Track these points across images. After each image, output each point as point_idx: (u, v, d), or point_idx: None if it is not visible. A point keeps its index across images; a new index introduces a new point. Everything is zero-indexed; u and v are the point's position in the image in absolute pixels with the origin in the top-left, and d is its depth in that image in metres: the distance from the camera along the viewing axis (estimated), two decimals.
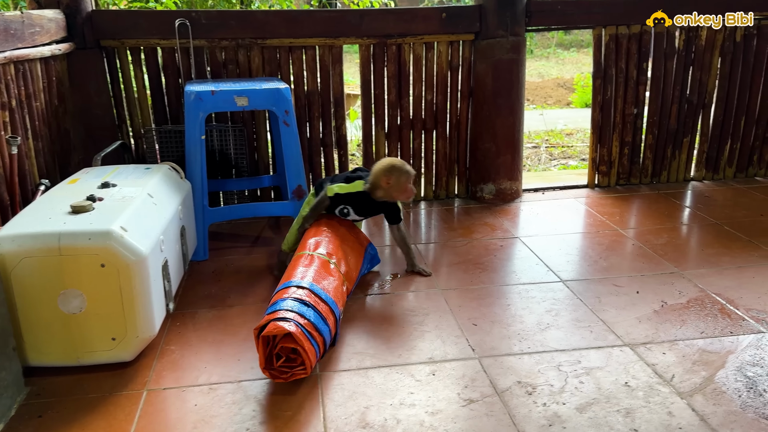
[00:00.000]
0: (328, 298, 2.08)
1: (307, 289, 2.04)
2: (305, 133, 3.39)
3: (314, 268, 2.18)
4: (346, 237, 2.51)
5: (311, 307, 1.98)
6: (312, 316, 1.95)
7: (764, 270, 2.57)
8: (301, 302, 1.97)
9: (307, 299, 2.00)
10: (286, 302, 1.96)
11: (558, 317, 2.25)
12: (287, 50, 3.26)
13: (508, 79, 3.36)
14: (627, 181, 3.74)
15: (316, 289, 2.06)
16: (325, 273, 2.19)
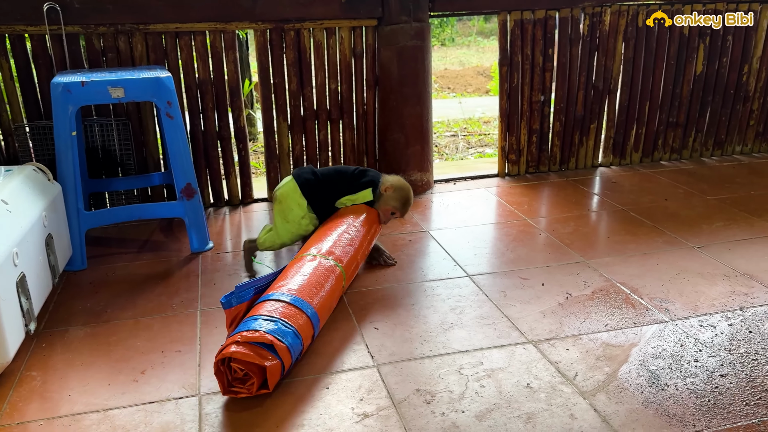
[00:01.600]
0: (317, 329, 1.94)
1: (308, 320, 1.88)
2: (199, 125, 3.15)
3: (327, 288, 2.02)
4: (366, 240, 2.36)
5: (300, 342, 1.82)
6: (296, 355, 1.81)
7: (668, 256, 2.56)
8: (298, 338, 1.81)
9: (302, 338, 1.83)
10: (288, 332, 1.78)
11: (462, 315, 2.15)
12: (174, 36, 3.00)
13: (413, 67, 3.23)
14: (536, 169, 3.71)
15: (315, 324, 1.91)
16: (335, 296, 2.08)
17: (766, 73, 3.81)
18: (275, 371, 1.71)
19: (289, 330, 1.78)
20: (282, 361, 1.73)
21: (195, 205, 2.65)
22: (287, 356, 1.75)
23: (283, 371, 1.76)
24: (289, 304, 1.86)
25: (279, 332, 1.75)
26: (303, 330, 1.84)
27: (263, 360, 1.69)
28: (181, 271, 2.54)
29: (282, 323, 1.78)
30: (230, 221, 3.11)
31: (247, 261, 2.54)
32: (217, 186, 3.26)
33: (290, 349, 1.76)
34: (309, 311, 1.89)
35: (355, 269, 2.28)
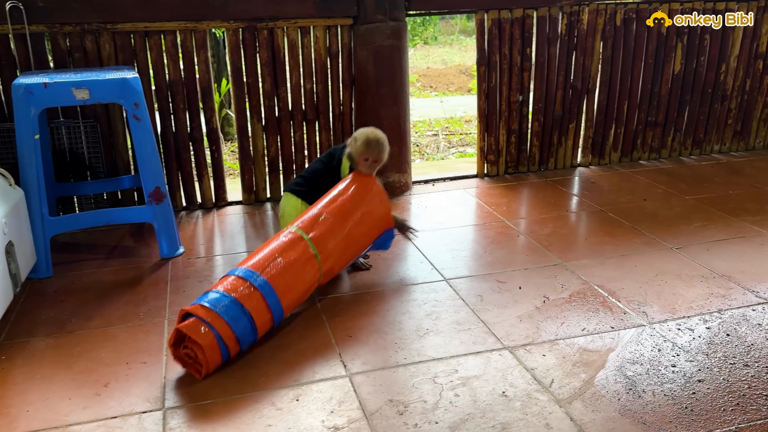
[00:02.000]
0: (277, 309, 1.96)
1: (255, 291, 1.91)
2: (170, 126, 3.07)
3: (288, 260, 2.03)
4: (356, 214, 2.24)
5: (248, 317, 1.87)
6: (240, 330, 1.85)
7: (645, 258, 2.53)
8: (240, 310, 1.86)
9: (247, 308, 1.87)
10: (225, 303, 1.85)
11: (438, 321, 2.10)
12: (143, 36, 2.92)
13: (390, 67, 3.18)
14: (515, 170, 3.68)
15: (268, 296, 1.93)
16: (299, 273, 2.05)
17: (743, 72, 3.81)
18: (193, 327, 1.79)
19: (222, 297, 1.86)
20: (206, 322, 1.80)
21: (164, 210, 2.58)
22: (214, 317, 1.81)
23: (213, 329, 1.80)
24: (238, 278, 1.94)
25: (211, 302, 1.85)
26: (243, 298, 1.88)
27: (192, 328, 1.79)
28: (149, 278, 2.47)
29: (221, 294, 1.88)
30: (203, 225, 3.03)
31: None
32: (190, 189, 3.19)
33: (216, 310, 1.82)
34: (257, 280, 1.94)
35: (333, 227, 2.16)
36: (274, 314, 1.95)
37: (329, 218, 2.17)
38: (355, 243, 2.26)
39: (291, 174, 3.32)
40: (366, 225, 2.28)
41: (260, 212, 3.18)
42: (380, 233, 2.36)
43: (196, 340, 1.77)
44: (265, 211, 3.19)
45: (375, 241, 2.36)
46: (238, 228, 2.99)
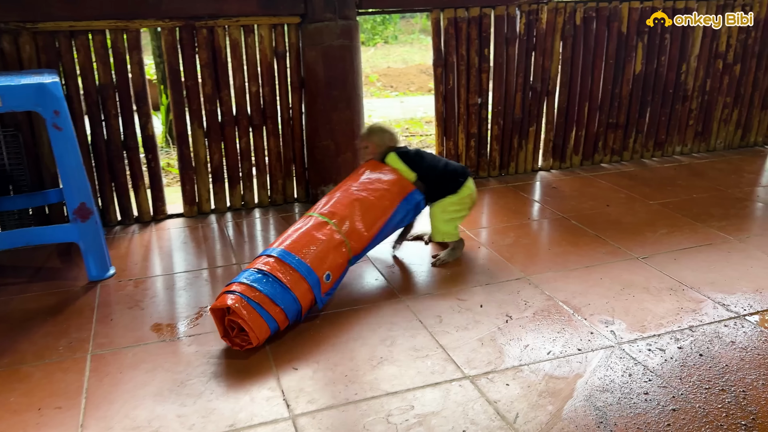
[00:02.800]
0: (302, 266, 2.02)
1: (271, 257, 2.03)
2: (101, 134, 2.82)
3: (298, 230, 2.15)
4: (368, 189, 2.34)
5: (270, 277, 1.96)
6: (267, 289, 1.93)
7: (611, 269, 2.41)
8: (260, 273, 1.97)
9: (267, 270, 1.97)
10: (244, 274, 1.98)
11: (393, 347, 1.92)
12: (68, 36, 2.66)
13: (341, 69, 2.99)
14: (476, 175, 3.53)
15: (285, 257, 2.02)
16: (312, 235, 2.13)
17: (703, 71, 3.74)
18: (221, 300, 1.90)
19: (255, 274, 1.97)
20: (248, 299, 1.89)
21: (91, 228, 2.34)
22: (254, 293, 1.91)
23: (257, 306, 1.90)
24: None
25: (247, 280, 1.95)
26: (271, 266, 1.99)
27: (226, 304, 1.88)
28: (74, 304, 2.23)
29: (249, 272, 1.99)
30: (139, 242, 2.79)
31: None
32: (125, 201, 2.94)
33: (252, 284, 1.93)
34: (276, 252, 2.05)
35: (336, 197, 2.31)
36: (300, 271, 2.01)
37: (335, 195, 2.34)
38: (371, 206, 2.30)
39: (237, 183, 3.10)
40: (375, 189, 2.36)
41: (203, 225, 2.96)
42: (400, 196, 2.38)
43: (224, 304, 1.87)
44: (209, 224, 2.97)
45: (405, 208, 2.39)
46: (178, 244, 2.76)
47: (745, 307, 2.11)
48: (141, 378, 1.79)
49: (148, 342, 1.98)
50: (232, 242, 2.76)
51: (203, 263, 2.56)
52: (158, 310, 2.18)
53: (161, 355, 1.91)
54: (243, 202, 3.15)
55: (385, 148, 2.52)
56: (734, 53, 3.76)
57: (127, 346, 1.96)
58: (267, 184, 3.17)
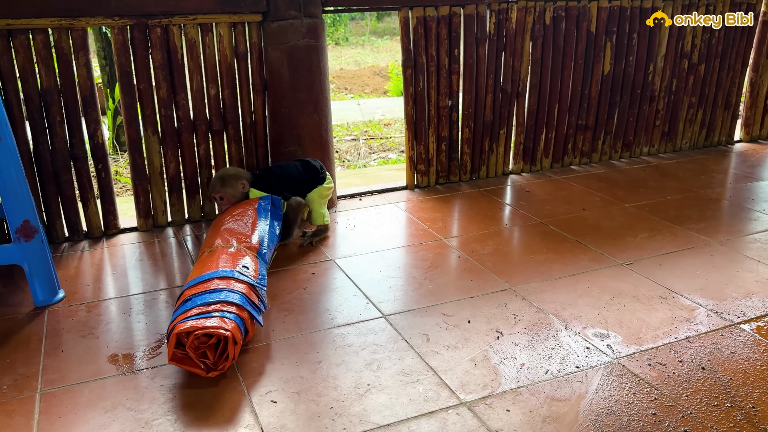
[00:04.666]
0: (211, 274, 1.92)
1: (187, 289, 1.89)
2: (45, 143, 2.56)
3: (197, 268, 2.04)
4: (224, 218, 2.37)
5: (197, 296, 1.83)
6: (198, 300, 1.80)
7: (597, 277, 2.32)
8: (186, 302, 1.84)
9: (187, 297, 1.85)
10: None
11: (380, 372, 1.77)
12: (5, 36, 2.40)
13: (307, 70, 2.82)
14: (447, 180, 3.41)
15: (195, 281, 1.90)
16: (204, 261, 2.04)
17: (669, 72, 3.73)
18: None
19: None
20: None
21: (36, 247, 2.10)
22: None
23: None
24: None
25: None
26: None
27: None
28: (19, 334, 1.99)
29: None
30: (90, 259, 2.55)
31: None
32: (73, 216, 2.69)
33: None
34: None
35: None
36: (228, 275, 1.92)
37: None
38: (235, 220, 2.33)
39: (196, 194, 2.88)
40: (228, 212, 2.43)
41: (160, 240, 2.73)
42: (252, 205, 2.45)
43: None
44: (166, 239, 2.74)
45: (263, 208, 2.44)
46: (132, 261, 2.53)
47: (738, 314, 2.05)
48: (99, 419, 1.59)
49: (106, 376, 1.77)
50: (192, 258, 2.55)
51: (161, 283, 2.34)
52: (115, 338, 1.97)
53: (121, 390, 1.71)
54: (203, 213, 2.94)
55: (240, 195, 2.59)
56: (699, 53, 3.77)
57: (82, 381, 1.75)
58: None
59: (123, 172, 4.65)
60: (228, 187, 2.58)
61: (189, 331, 1.70)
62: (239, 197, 2.58)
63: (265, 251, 2.24)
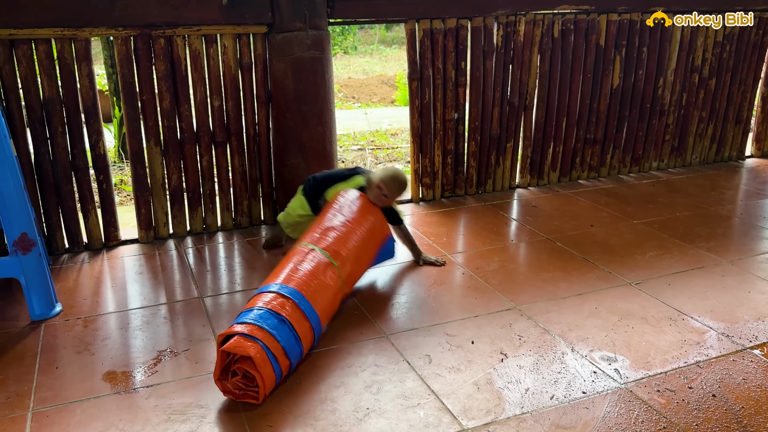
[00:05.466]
0: (313, 315, 1.85)
1: (288, 300, 1.81)
2: (47, 154, 2.54)
3: (307, 269, 1.95)
4: (362, 225, 2.24)
5: (288, 326, 1.76)
6: (284, 339, 1.73)
7: (605, 297, 2.26)
8: (278, 318, 1.75)
9: (284, 315, 1.76)
10: (260, 314, 1.74)
11: (380, 395, 1.72)
12: (8, 45, 2.39)
13: (312, 81, 2.79)
14: (452, 193, 3.37)
15: (300, 302, 1.83)
16: (321, 279, 1.95)
17: (679, 86, 3.68)
18: (237, 343, 1.67)
19: (257, 310, 1.76)
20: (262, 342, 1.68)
21: (33, 261, 2.07)
22: (255, 329, 1.70)
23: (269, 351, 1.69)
24: (266, 293, 1.84)
25: (247, 318, 1.74)
26: (278, 307, 1.79)
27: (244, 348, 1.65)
28: (14, 349, 1.95)
29: (255, 308, 1.78)
30: (89, 272, 2.52)
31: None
32: (73, 227, 2.66)
33: (255, 323, 1.72)
34: (286, 290, 1.85)
35: (343, 238, 2.15)
36: (311, 322, 1.85)
37: (339, 230, 2.17)
38: (364, 250, 2.24)
39: (198, 205, 2.85)
40: (370, 236, 2.29)
41: (161, 252, 2.70)
42: (383, 241, 2.39)
43: (246, 352, 1.63)
44: (167, 251, 2.71)
45: (382, 251, 2.39)
46: (132, 274, 2.50)
47: (749, 338, 1.99)
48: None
49: (100, 395, 1.74)
50: (194, 271, 2.52)
51: (161, 297, 2.31)
52: (111, 354, 1.93)
53: (115, 411, 1.67)
54: (205, 225, 2.91)
55: (390, 203, 2.46)
56: (709, 67, 3.72)
57: (76, 400, 1.71)
58: (231, 206, 2.94)
59: (128, 180, 4.63)
60: (397, 195, 2.44)
61: (255, 366, 1.66)
62: (388, 204, 2.45)
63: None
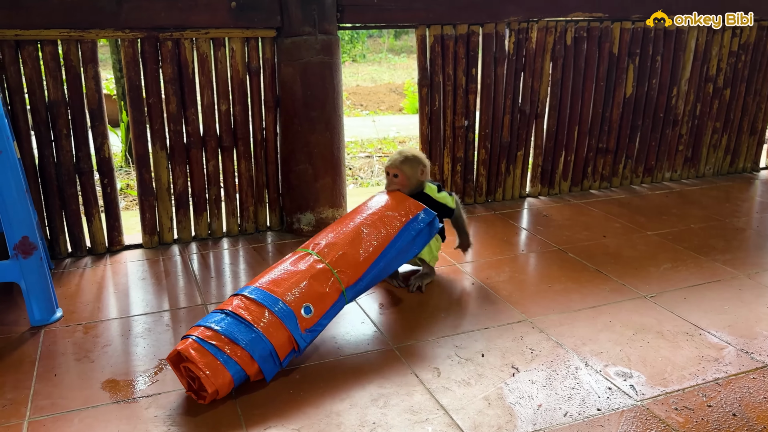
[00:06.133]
0: (268, 298, 1.78)
1: (240, 296, 1.80)
2: (50, 156, 2.51)
3: (276, 267, 1.92)
4: (358, 213, 2.13)
5: (230, 315, 1.73)
6: (223, 327, 1.69)
7: (619, 310, 2.20)
8: (219, 312, 1.76)
9: (227, 308, 1.76)
10: (204, 318, 1.76)
11: (387, 409, 1.67)
12: (13, 46, 2.36)
13: (321, 87, 2.75)
14: (461, 201, 3.31)
15: (253, 293, 1.80)
16: (289, 269, 1.90)
17: (693, 95, 3.62)
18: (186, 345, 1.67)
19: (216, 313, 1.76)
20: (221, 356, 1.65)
21: (34, 265, 2.03)
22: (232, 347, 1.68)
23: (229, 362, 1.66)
24: (234, 296, 1.82)
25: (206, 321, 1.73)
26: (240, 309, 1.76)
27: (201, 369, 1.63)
28: (12, 356, 1.91)
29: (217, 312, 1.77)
30: (91, 276, 2.48)
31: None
32: (77, 231, 2.62)
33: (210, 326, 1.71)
34: (247, 290, 1.82)
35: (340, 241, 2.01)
36: (266, 304, 1.77)
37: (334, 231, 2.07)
38: (360, 232, 2.05)
39: (203, 210, 2.81)
40: (375, 212, 2.13)
41: (165, 258, 2.66)
42: (406, 216, 2.14)
43: (173, 352, 1.67)
44: (171, 257, 2.67)
45: (414, 228, 2.14)
46: (135, 279, 2.45)
47: None
48: None
49: (99, 404, 1.68)
50: (197, 278, 2.47)
51: (164, 304, 2.26)
52: (111, 362, 1.88)
53: (114, 420, 1.62)
54: (210, 231, 2.86)
55: (416, 182, 2.30)
56: (724, 77, 3.66)
57: (74, 409, 1.66)
58: (237, 212, 2.90)
59: (134, 185, 4.61)
60: (406, 166, 2.25)
61: (182, 353, 1.64)
62: (413, 184, 2.29)
63: (362, 287, 2.01)
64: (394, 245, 2.08)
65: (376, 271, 2.04)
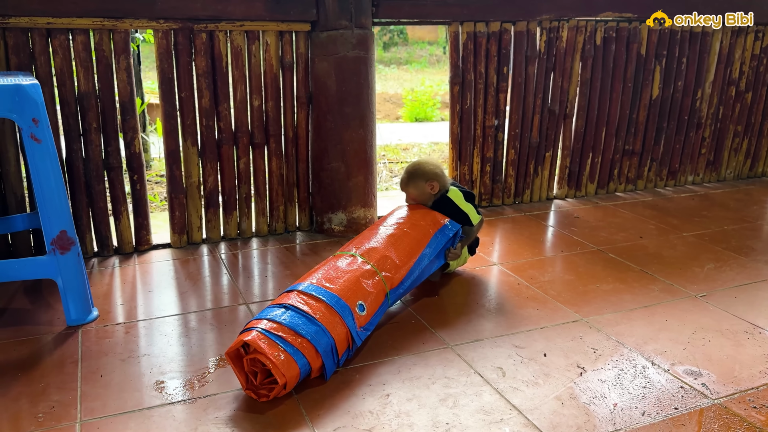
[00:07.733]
0: (327, 294, 1.73)
1: (296, 291, 1.75)
2: (79, 151, 2.41)
3: (325, 267, 1.88)
4: (397, 224, 2.11)
5: (291, 309, 1.67)
6: (288, 320, 1.63)
7: (672, 309, 2.15)
8: (279, 306, 1.69)
9: (286, 302, 1.70)
10: (261, 312, 1.70)
11: (458, 409, 1.59)
12: (45, 35, 2.27)
13: (356, 82, 2.69)
14: (490, 203, 3.26)
15: (309, 289, 1.75)
16: (338, 267, 1.86)
17: (717, 98, 3.62)
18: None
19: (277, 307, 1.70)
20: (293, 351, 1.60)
21: (72, 261, 1.93)
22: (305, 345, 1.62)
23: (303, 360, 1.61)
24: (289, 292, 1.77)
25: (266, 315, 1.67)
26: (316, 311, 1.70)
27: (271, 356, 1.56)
28: (52, 356, 1.81)
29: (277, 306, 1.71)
30: (121, 277, 2.38)
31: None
32: (104, 230, 2.52)
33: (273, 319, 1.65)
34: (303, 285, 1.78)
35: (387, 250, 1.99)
36: (325, 299, 1.72)
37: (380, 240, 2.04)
38: (403, 235, 2.07)
39: (233, 210, 2.72)
40: (406, 222, 2.14)
41: (195, 258, 2.56)
42: (434, 227, 2.16)
43: (239, 342, 1.60)
44: (200, 257, 2.58)
45: (443, 237, 2.16)
46: (167, 280, 2.36)
47: None
48: None
49: (152, 406, 1.59)
50: (234, 277, 2.38)
51: (204, 303, 2.17)
52: (158, 362, 1.79)
53: (171, 422, 1.52)
54: (239, 230, 2.78)
55: (429, 196, 2.27)
56: (746, 80, 3.66)
57: (126, 411, 1.57)
58: (266, 211, 2.81)
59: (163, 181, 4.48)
60: (411, 187, 2.26)
61: (249, 344, 1.58)
62: (427, 199, 2.27)
63: (402, 291, 2.00)
64: (427, 253, 2.09)
65: (414, 276, 2.05)
